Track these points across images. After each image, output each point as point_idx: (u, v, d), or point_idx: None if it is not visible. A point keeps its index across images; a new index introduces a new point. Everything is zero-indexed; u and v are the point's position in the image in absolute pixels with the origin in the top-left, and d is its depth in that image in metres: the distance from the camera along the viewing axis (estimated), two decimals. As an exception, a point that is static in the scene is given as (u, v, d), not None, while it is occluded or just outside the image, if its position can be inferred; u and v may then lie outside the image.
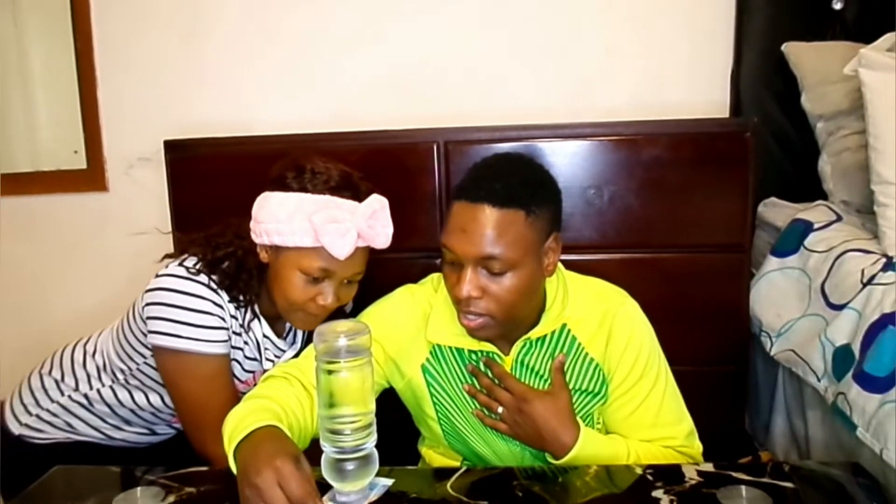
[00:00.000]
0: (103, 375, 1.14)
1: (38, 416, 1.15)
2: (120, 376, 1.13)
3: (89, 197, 1.86)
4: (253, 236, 1.03)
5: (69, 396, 1.14)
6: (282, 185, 1.00)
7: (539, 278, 0.93)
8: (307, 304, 1.01)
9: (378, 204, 0.99)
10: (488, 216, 0.87)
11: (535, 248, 0.90)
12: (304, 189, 0.98)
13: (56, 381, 1.15)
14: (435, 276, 1.04)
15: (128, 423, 1.16)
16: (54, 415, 1.15)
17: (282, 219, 0.97)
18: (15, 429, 1.15)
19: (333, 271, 0.99)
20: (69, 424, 1.15)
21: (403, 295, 1.04)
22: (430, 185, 1.46)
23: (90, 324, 1.24)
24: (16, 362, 1.80)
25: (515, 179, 0.90)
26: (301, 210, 0.96)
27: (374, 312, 1.02)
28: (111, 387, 1.13)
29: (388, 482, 0.82)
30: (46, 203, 1.87)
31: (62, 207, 1.88)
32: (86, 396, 1.14)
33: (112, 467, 0.94)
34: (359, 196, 1.00)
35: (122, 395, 1.13)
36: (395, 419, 1.05)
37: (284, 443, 0.78)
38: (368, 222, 0.97)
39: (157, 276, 1.04)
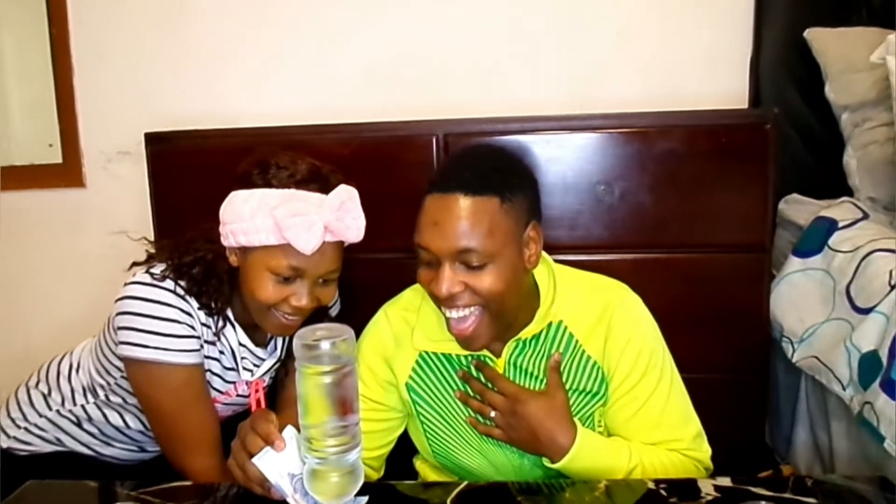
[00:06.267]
0: (88, 394, 1.15)
1: (26, 429, 1.16)
2: (101, 393, 1.14)
3: (65, 193, 1.86)
4: (221, 239, 1.02)
5: (57, 411, 1.16)
6: (247, 183, 1.00)
7: (522, 271, 0.92)
8: (280, 304, 1.00)
9: (346, 194, 0.99)
10: (461, 206, 0.87)
11: (513, 237, 0.90)
12: (268, 184, 0.98)
13: (44, 395, 1.17)
14: (414, 287, 1.04)
15: (116, 440, 1.17)
16: (43, 429, 1.16)
17: (245, 217, 0.97)
18: (2, 442, 1.16)
19: (304, 269, 0.98)
20: (58, 439, 1.16)
21: (377, 319, 1.05)
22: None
23: (65, 329, 1.25)
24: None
25: (487, 166, 0.90)
26: (264, 205, 0.96)
27: (359, 349, 1.03)
28: (95, 403, 1.14)
29: (362, 500, 0.81)
30: (19, 199, 1.87)
31: (36, 204, 1.88)
32: (73, 413, 1.15)
33: (90, 482, 0.93)
34: (328, 189, 0.99)
35: (108, 414, 1.15)
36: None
37: None
38: (336, 214, 0.97)
39: (125, 284, 1.04)
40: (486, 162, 0.92)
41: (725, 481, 0.86)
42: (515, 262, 0.90)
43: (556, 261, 1.03)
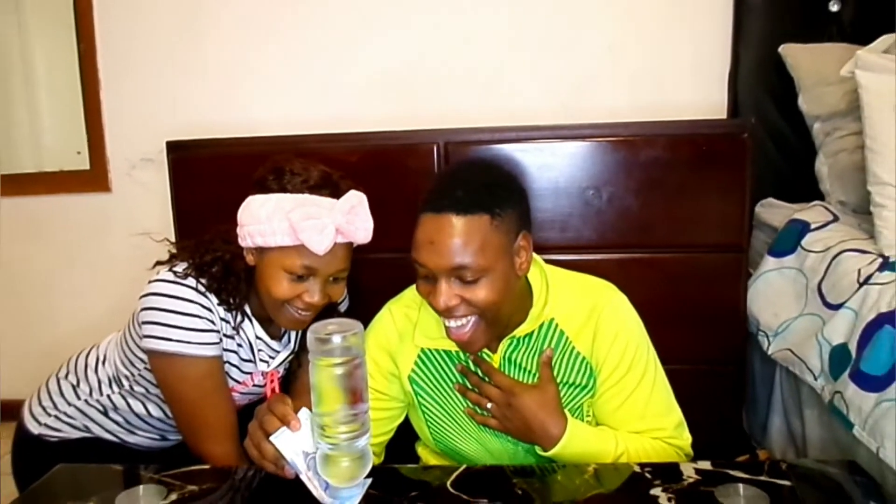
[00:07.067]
0: (113, 384, 1.16)
1: (56, 416, 1.17)
2: (126, 383, 1.15)
3: (92, 197, 1.87)
4: (239, 240, 1.03)
5: (85, 401, 1.16)
6: (263, 188, 1.01)
7: (514, 279, 0.92)
8: (294, 300, 1.01)
9: (356, 199, 1.00)
10: (454, 225, 0.87)
11: (504, 250, 0.90)
12: (283, 189, 0.99)
13: (73, 386, 1.17)
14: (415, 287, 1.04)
15: (140, 428, 1.18)
16: (71, 417, 1.17)
17: (262, 219, 0.98)
18: (34, 429, 1.17)
19: (316, 268, 0.99)
20: (86, 426, 1.17)
21: (382, 315, 1.06)
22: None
23: (93, 324, 1.24)
24: (19, 363, 1.82)
25: (476, 184, 0.90)
26: (280, 209, 0.97)
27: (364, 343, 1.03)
28: (120, 393, 1.15)
29: (367, 481, 0.80)
30: (49, 204, 1.88)
31: (65, 208, 1.88)
32: (100, 403, 1.16)
33: (115, 465, 0.94)
34: (338, 194, 1.00)
35: (132, 404, 1.15)
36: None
37: None
38: (347, 217, 0.98)
39: (149, 282, 1.05)
40: (475, 180, 0.91)
41: (705, 465, 0.86)
42: (507, 272, 0.90)
43: (548, 260, 1.03)
